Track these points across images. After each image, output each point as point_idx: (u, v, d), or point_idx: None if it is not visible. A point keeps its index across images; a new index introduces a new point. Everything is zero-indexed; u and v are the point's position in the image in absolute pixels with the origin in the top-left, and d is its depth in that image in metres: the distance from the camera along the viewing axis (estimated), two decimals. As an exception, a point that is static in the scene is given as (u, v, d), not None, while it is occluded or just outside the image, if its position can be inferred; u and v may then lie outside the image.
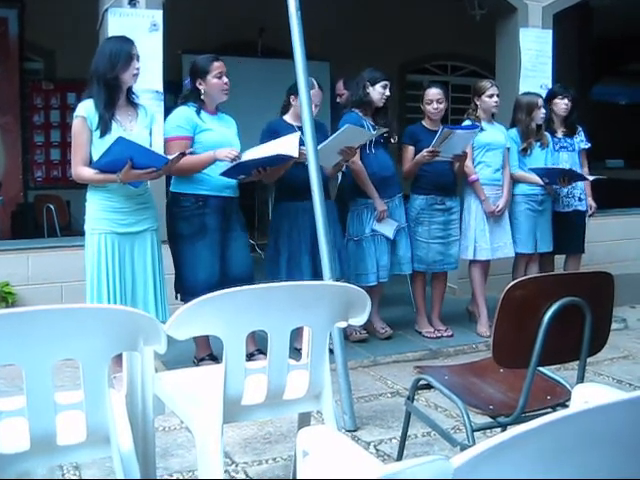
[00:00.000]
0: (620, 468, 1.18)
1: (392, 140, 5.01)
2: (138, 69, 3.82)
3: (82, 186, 3.91)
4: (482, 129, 5.11)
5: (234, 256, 4.29)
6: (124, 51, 3.76)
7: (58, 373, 2.03)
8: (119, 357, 2.41)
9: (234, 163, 4.05)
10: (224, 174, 4.09)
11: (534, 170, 5.34)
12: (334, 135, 4.47)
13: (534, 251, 5.45)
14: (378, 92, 4.86)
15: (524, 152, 5.38)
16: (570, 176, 5.35)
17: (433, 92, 5.04)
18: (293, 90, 4.29)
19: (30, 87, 8.68)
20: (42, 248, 5.19)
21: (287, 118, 4.59)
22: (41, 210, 7.77)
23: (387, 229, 4.90)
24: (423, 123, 5.14)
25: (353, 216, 4.91)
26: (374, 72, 4.92)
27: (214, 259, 4.19)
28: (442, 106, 5.05)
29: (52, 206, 7.65)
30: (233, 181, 4.25)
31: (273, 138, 4.32)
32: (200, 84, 4.21)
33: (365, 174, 4.79)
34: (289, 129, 4.43)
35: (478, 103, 5.23)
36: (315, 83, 4.51)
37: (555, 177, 5.32)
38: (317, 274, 3.88)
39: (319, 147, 3.92)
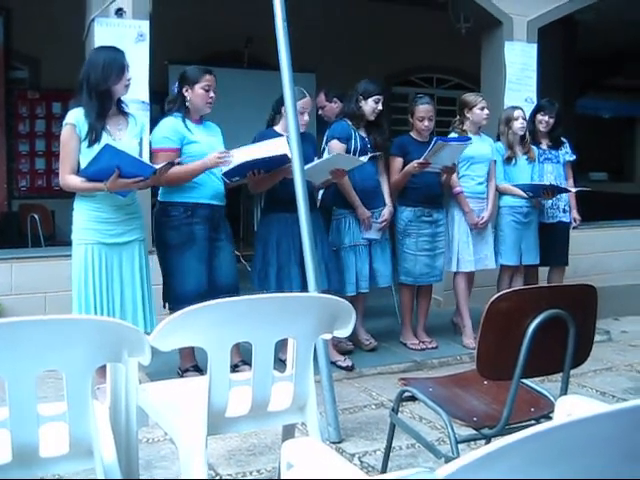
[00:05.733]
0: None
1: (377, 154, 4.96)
2: (129, 80, 3.82)
3: (67, 195, 3.89)
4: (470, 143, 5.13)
5: (221, 266, 4.30)
6: (117, 62, 3.75)
7: (41, 384, 2.02)
8: (103, 368, 2.40)
9: (236, 164, 4.08)
10: (226, 174, 4.14)
11: (518, 186, 5.39)
12: (322, 159, 4.49)
13: (519, 263, 5.48)
14: (370, 106, 4.86)
15: (508, 161, 5.42)
16: (553, 190, 5.40)
17: (425, 109, 5.02)
18: (281, 100, 4.31)
19: (15, 96, 8.65)
20: (26, 258, 5.16)
21: (277, 129, 4.59)
22: (25, 219, 7.72)
23: (374, 233, 4.91)
24: (412, 135, 5.14)
25: (332, 226, 4.90)
26: (368, 85, 4.89)
27: (202, 268, 4.20)
28: (432, 123, 5.06)
29: (36, 216, 7.61)
30: (221, 189, 4.27)
31: None
32: (187, 91, 4.22)
33: (348, 183, 4.78)
34: None
35: (469, 116, 5.24)
36: (305, 92, 4.53)
37: (539, 191, 5.37)
38: (307, 285, 3.88)
39: (306, 167, 3.93)
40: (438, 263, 5.19)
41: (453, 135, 5.26)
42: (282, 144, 4.11)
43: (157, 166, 3.76)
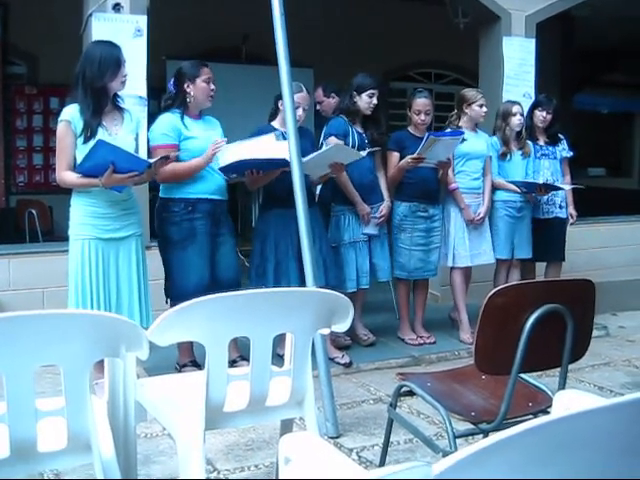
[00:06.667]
0: (601, 474, 1.19)
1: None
2: (126, 76, 3.81)
3: (64, 191, 3.88)
4: (464, 139, 5.12)
5: (223, 260, 4.30)
6: (113, 58, 3.73)
7: (39, 379, 2.02)
8: (101, 363, 2.40)
9: (235, 160, 4.08)
10: (222, 169, 4.14)
11: (512, 182, 5.39)
12: (321, 151, 4.48)
13: (511, 257, 5.48)
14: (365, 101, 4.85)
15: (503, 157, 5.43)
16: (547, 187, 5.41)
17: (423, 102, 5.01)
18: (281, 96, 4.29)
19: (13, 91, 8.63)
20: (24, 253, 5.16)
21: (275, 124, 4.60)
22: (23, 215, 7.70)
23: (372, 228, 4.91)
24: (409, 129, 5.14)
25: (331, 222, 4.91)
26: (363, 79, 4.89)
27: (204, 263, 4.20)
28: (429, 117, 5.06)
29: (34, 211, 7.58)
30: (222, 184, 4.27)
31: None
32: (188, 87, 4.21)
33: (347, 178, 4.78)
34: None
35: (467, 111, 5.24)
36: (303, 87, 4.53)
37: (533, 188, 5.38)
38: (305, 281, 3.90)
39: (305, 160, 3.94)
40: (432, 258, 5.20)
41: (448, 131, 5.26)
42: (273, 142, 4.09)
43: (152, 160, 3.76)
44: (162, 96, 4.46)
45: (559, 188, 5.52)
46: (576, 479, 1.15)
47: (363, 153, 4.64)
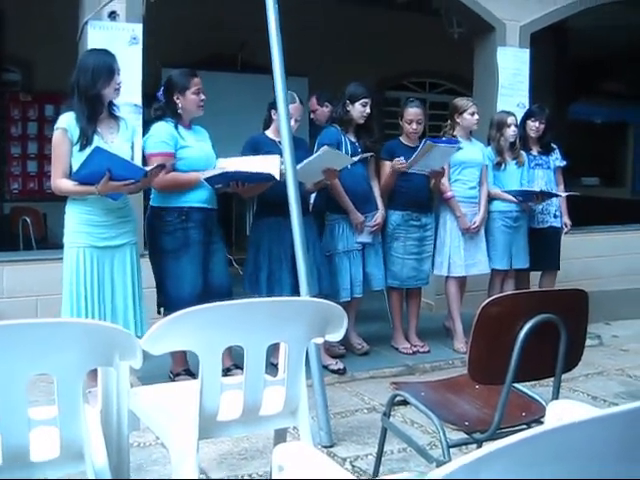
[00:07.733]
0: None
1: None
2: (120, 84, 3.81)
3: (59, 199, 3.88)
4: (460, 147, 5.13)
5: (215, 268, 4.30)
6: (106, 66, 3.74)
7: (32, 388, 2.01)
8: (94, 372, 2.39)
9: (220, 171, 4.07)
10: (207, 179, 4.12)
11: (508, 191, 5.40)
12: (313, 156, 4.47)
13: (509, 267, 5.50)
14: (358, 110, 4.86)
15: (498, 167, 5.44)
16: (543, 195, 5.42)
17: (414, 112, 5.04)
18: (274, 105, 4.28)
19: (7, 98, 8.62)
20: (18, 261, 5.15)
21: (269, 133, 4.60)
22: (17, 222, 7.68)
23: (367, 237, 4.92)
24: (401, 139, 5.16)
25: (326, 231, 4.91)
26: (356, 88, 4.90)
27: (198, 272, 4.19)
28: (421, 127, 5.08)
29: (28, 218, 7.57)
30: (213, 193, 4.26)
31: (254, 152, 4.36)
32: (178, 98, 4.22)
33: (340, 187, 4.78)
34: (270, 144, 4.46)
35: (459, 121, 5.26)
36: (296, 97, 4.53)
37: (529, 196, 5.39)
38: (298, 290, 3.89)
39: (298, 167, 3.94)
40: (425, 267, 5.22)
41: (444, 139, 5.27)
42: (274, 165, 4.09)
43: (148, 168, 3.76)
44: (152, 105, 4.45)
45: (555, 195, 5.55)
46: (569, 490, 1.15)
47: (355, 158, 4.64)
